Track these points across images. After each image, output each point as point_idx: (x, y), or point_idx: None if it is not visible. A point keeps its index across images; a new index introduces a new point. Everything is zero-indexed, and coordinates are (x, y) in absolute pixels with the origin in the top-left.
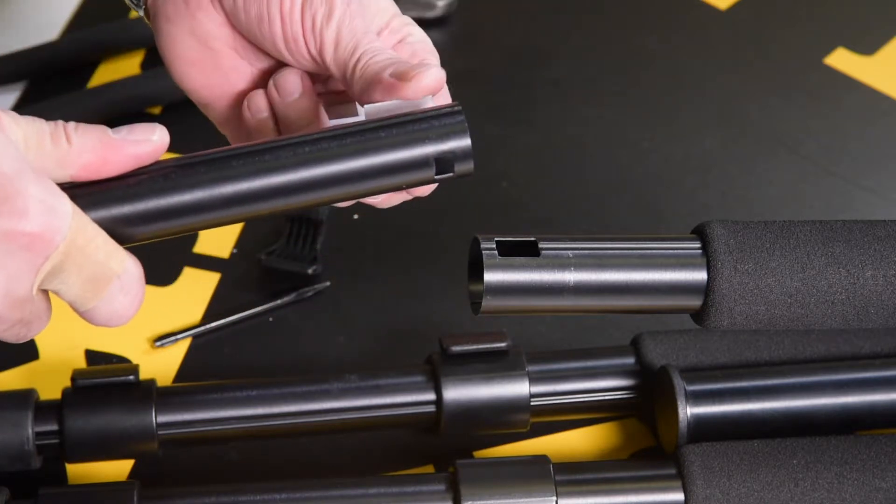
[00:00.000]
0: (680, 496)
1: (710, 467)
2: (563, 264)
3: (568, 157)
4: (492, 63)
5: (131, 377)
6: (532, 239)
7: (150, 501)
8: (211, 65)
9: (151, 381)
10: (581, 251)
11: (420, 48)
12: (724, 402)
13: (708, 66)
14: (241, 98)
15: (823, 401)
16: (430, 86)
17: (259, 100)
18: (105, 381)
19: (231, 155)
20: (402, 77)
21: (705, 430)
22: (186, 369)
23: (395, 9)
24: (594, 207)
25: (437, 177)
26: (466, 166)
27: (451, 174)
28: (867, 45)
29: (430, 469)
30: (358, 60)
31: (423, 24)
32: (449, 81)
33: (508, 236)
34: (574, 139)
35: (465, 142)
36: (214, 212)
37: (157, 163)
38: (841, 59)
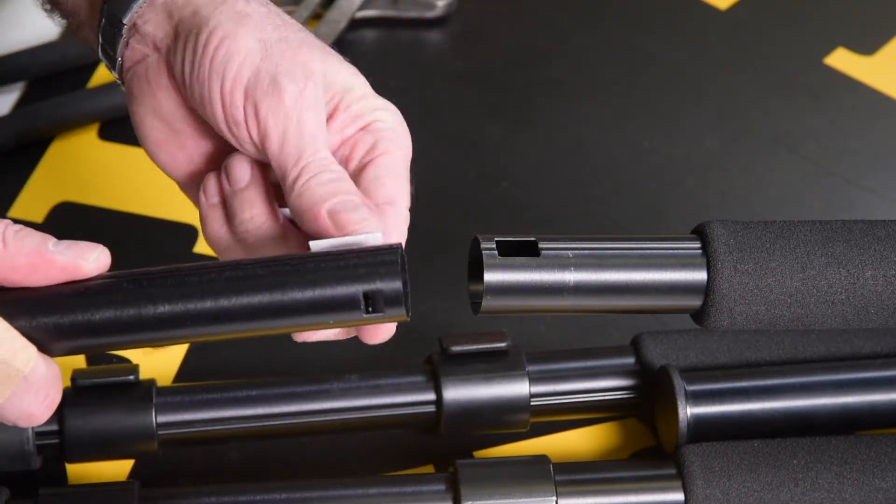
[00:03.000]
0: (680, 496)
1: (710, 467)
2: (563, 264)
3: (568, 157)
4: (492, 63)
5: (131, 377)
6: (532, 239)
7: (150, 501)
8: (175, 145)
9: (151, 381)
10: (581, 251)
11: (387, 137)
12: (724, 402)
13: (708, 66)
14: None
15: (823, 401)
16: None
17: (211, 184)
18: (105, 381)
19: (152, 276)
20: (338, 225)
21: (705, 430)
22: (186, 369)
23: (363, 88)
24: (594, 207)
25: (365, 316)
26: (397, 310)
27: (381, 314)
28: (867, 45)
29: (430, 469)
30: (298, 176)
31: (423, 24)
32: (449, 81)
33: (508, 236)
34: (574, 139)
35: (394, 283)
36: (127, 335)
37: (97, 276)
38: (841, 59)
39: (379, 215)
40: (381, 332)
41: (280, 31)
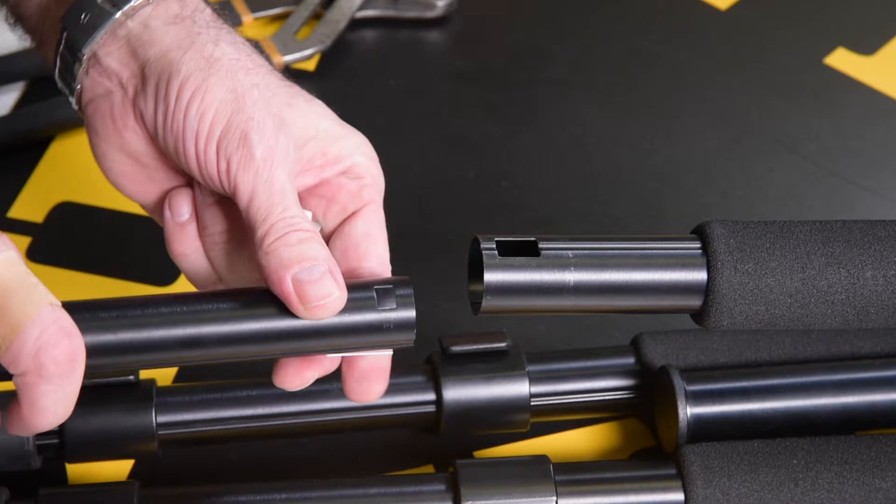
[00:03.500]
0: (680, 496)
1: (710, 467)
2: (563, 264)
3: (568, 158)
4: (492, 63)
5: (131, 377)
6: (532, 239)
7: (150, 501)
8: (143, 176)
9: (151, 381)
10: (581, 251)
11: (369, 184)
12: (724, 402)
13: (708, 66)
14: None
15: (823, 401)
16: (323, 317)
17: (180, 200)
18: (105, 381)
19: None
20: (302, 298)
21: (705, 430)
22: (186, 369)
23: (335, 128)
24: (594, 207)
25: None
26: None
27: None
28: (867, 45)
29: (430, 469)
30: (266, 234)
31: (423, 24)
32: (449, 81)
33: (508, 236)
34: (574, 139)
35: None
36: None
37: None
38: (841, 59)
39: (341, 288)
40: (374, 388)
41: (251, 77)
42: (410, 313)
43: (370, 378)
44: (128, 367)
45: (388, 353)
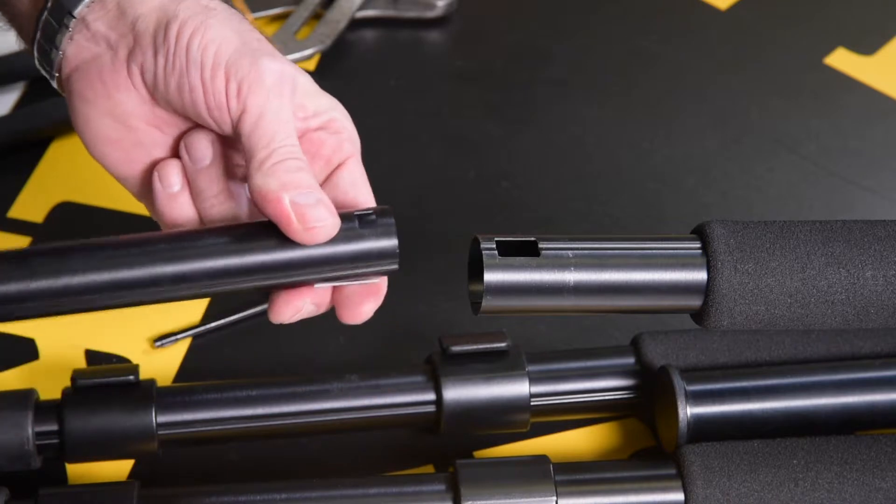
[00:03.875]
0: (680, 496)
1: (710, 467)
2: (563, 264)
3: (568, 158)
4: (492, 63)
5: (131, 377)
6: (532, 239)
7: (150, 501)
8: (130, 142)
9: (151, 381)
10: (581, 251)
11: (349, 139)
12: (724, 402)
13: (708, 67)
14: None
15: (823, 401)
16: (318, 240)
17: (170, 170)
18: (105, 381)
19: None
20: (300, 219)
21: (705, 430)
22: (186, 369)
23: (313, 86)
24: (594, 207)
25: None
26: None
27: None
28: (867, 45)
29: (430, 469)
30: (267, 157)
31: (423, 24)
32: (449, 81)
33: (508, 236)
34: (574, 139)
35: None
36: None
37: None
38: (841, 59)
39: (334, 215)
40: (362, 310)
41: (246, 26)
42: (392, 240)
43: (358, 297)
44: (123, 303)
45: (376, 280)
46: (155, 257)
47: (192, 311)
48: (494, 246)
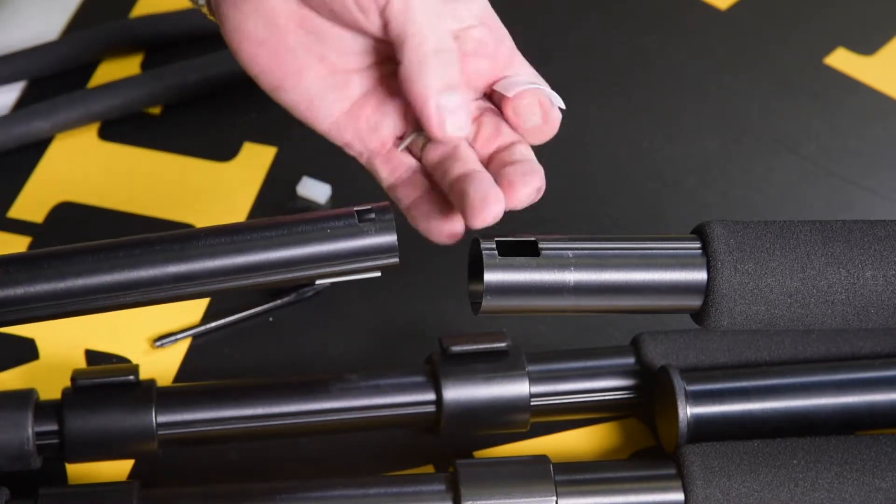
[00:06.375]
0: (680, 496)
1: (710, 467)
2: (563, 264)
3: (568, 157)
4: None
5: (131, 377)
6: (532, 239)
7: (150, 501)
8: (279, 44)
9: (151, 381)
10: (581, 251)
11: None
12: (724, 402)
13: (708, 66)
14: (306, 79)
15: (823, 401)
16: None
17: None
18: (105, 381)
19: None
20: (439, 124)
21: (705, 430)
22: (186, 369)
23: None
24: (594, 207)
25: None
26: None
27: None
28: (867, 45)
29: (430, 469)
30: (420, 44)
31: None
32: None
33: (508, 236)
34: (575, 139)
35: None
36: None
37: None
38: (841, 59)
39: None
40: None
41: None
42: (392, 235)
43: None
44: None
45: (377, 275)
46: (156, 257)
47: (192, 311)
48: (494, 246)
